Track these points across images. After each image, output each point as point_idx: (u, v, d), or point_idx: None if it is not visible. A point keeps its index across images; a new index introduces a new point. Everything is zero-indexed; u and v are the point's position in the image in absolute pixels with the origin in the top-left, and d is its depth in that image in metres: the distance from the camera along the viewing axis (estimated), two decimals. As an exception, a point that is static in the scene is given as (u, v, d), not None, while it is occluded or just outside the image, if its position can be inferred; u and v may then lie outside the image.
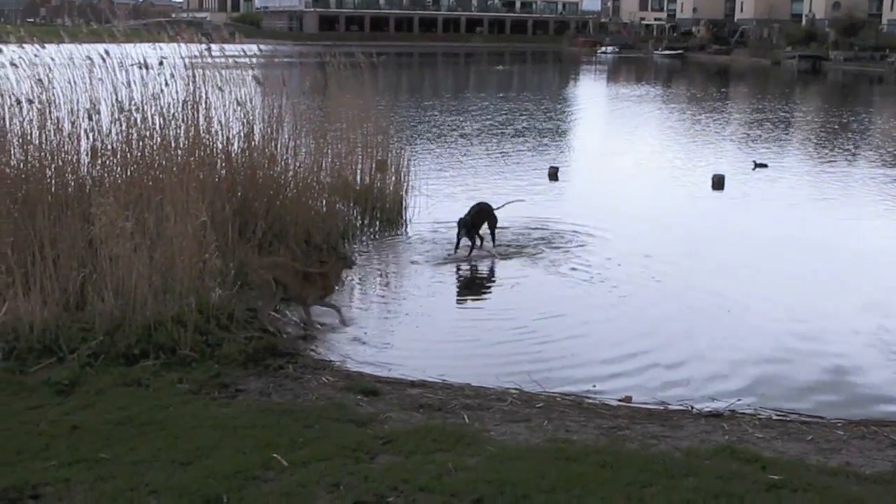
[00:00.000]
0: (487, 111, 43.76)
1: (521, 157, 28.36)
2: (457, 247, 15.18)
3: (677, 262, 15.22)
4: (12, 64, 12.45)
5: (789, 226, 19.05)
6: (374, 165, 17.92)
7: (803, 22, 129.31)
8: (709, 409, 9.15)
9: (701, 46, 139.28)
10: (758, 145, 33.32)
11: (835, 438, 8.34)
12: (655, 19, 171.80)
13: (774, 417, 9.07)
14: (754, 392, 9.82)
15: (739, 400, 9.51)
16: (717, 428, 8.48)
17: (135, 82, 13.15)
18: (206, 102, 13.79)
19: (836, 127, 40.68)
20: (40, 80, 12.44)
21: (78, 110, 12.63)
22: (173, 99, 13.40)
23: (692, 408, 9.20)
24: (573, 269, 14.61)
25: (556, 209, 19.54)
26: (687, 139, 35.85)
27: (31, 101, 12.25)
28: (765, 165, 26.79)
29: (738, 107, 54.30)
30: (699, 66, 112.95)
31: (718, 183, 22.98)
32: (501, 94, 57.06)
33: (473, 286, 13.89)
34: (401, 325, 11.88)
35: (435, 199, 17.72)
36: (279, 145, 15.22)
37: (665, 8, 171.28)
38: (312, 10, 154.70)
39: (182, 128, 13.21)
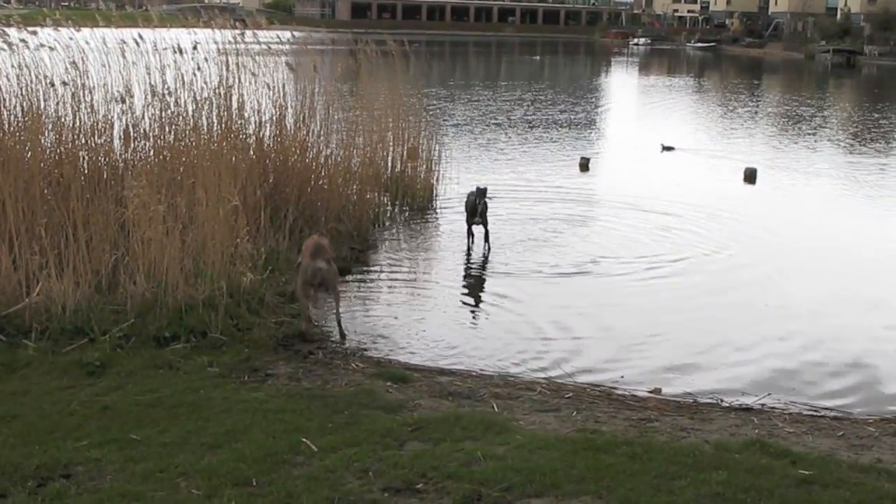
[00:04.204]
0: (519, 101, 43.68)
1: (552, 148, 28.32)
2: (469, 233, 15.16)
3: (710, 256, 15.13)
4: (44, 45, 12.49)
5: (822, 221, 19.00)
6: (404, 153, 17.91)
7: (838, 16, 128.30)
8: (739, 403, 9.11)
9: (734, 39, 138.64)
10: (787, 139, 33.21)
11: (866, 435, 8.28)
12: (689, 11, 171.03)
13: (805, 412, 9.02)
14: (785, 387, 9.77)
15: (770, 394, 9.45)
16: (746, 422, 8.44)
17: (168, 66, 13.18)
18: (238, 88, 13.81)
19: (868, 121, 40.38)
20: (74, 62, 12.49)
21: (112, 94, 12.68)
22: (206, 84, 13.43)
23: (722, 401, 9.16)
24: (602, 260, 14.55)
25: (587, 199, 19.52)
26: (718, 131, 35.67)
27: (64, 84, 12.29)
28: (671, 148, 27.82)
29: (770, 100, 53.99)
30: (732, 59, 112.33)
31: (750, 176, 22.85)
32: (533, 85, 56.93)
33: (502, 274, 13.83)
34: (430, 313, 11.87)
35: (466, 187, 17.57)
36: (311, 132, 15.23)
37: (698, 0, 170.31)
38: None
39: (214, 113, 13.24)
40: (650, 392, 9.38)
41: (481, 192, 14.77)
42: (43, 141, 11.99)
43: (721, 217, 18.01)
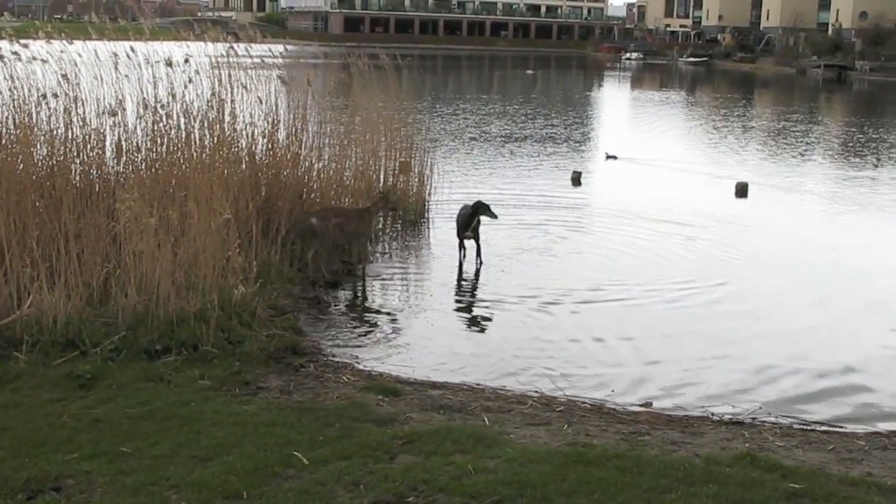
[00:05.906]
0: (511, 115, 43.75)
1: (544, 162, 28.36)
2: (461, 247, 15.14)
3: (701, 270, 15.14)
4: (35, 58, 12.49)
5: (814, 236, 18.99)
6: (397, 167, 17.93)
7: (829, 31, 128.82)
8: (729, 417, 9.13)
9: (726, 54, 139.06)
10: (780, 153, 33.31)
11: (856, 448, 8.30)
12: (681, 26, 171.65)
13: (795, 426, 9.03)
14: (775, 400, 9.77)
15: (760, 408, 9.47)
16: (737, 435, 8.44)
17: (160, 79, 13.19)
18: (231, 101, 13.82)
19: (858, 136, 40.55)
20: (65, 75, 12.49)
21: (104, 107, 12.68)
22: (198, 97, 13.44)
23: (712, 415, 9.17)
24: (595, 274, 14.57)
25: (579, 213, 19.55)
26: (709, 146, 35.76)
27: (56, 96, 12.30)
28: (615, 157, 28.47)
29: (762, 114, 54.18)
30: (724, 74, 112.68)
31: (742, 191, 22.89)
32: (526, 99, 57.03)
33: (494, 289, 13.83)
34: (421, 327, 11.88)
35: (458, 201, 17.63)
36: (303, 145, 15.25)
37: (690, 15, 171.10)
38: (338, 11, 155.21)
39: (207, 125, 13.25)
40: (641, 406, 9.39)
41: (476, 209, 14.69)
42: (35, 153, 12.00)
43: (714, 233, 18.05)
